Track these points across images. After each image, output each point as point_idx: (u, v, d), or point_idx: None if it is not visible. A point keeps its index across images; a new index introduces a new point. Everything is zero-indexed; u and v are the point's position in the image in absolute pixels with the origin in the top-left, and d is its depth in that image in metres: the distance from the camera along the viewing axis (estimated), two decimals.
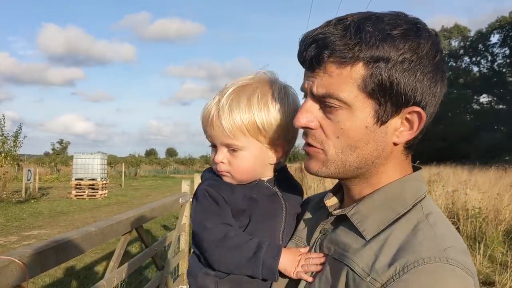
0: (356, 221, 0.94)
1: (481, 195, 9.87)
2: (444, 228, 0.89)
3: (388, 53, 0.85)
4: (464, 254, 0.84)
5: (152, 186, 32.20)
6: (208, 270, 1.11)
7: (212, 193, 1.14)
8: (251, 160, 1.15)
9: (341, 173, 0.97)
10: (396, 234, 0.88)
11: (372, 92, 0.87)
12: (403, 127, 0.92)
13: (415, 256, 0.81)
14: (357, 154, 0.93)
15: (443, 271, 0.78)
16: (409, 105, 0.89)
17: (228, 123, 1.11)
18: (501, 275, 6.07)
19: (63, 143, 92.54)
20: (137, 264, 3.51)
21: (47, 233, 11.08)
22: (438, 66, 0.91)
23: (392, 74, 0.86)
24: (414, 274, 0.78)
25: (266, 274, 1.04)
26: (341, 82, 0.88)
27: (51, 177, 35.71)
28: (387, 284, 0.81)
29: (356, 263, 0.88)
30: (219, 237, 1.08)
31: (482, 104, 64.35)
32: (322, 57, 0.88)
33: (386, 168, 0.97)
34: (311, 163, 0.98)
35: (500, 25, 59.49)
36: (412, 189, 0.96)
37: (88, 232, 2.29)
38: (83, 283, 6.91)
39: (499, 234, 8.32)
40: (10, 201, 18.17)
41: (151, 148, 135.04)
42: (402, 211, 0.93)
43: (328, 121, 0.93)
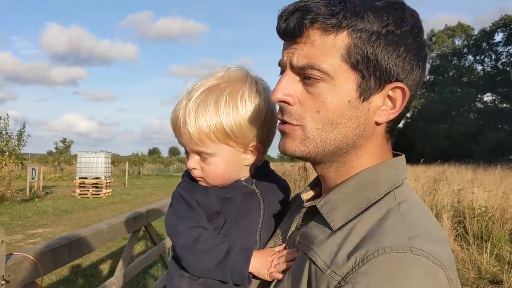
0: (325, 212, 0.88)
1: (487, 194, 9.83)
2: (417, 216, 0.82)
3: (372, 24, 0.81)
4: (437, 243, 0.76)
5: (155, 185, 32.23)
6: (183, 273, 1.09)
7: (185, 196, 1.10)
8: (223, 165, 1.10)
9: (320, 153, 0.89)
10: (362, 224, 0.82)
11: (356, 64, 0.82)
12: (386, 105, 0.87)
13: (377, 246, 0.74)
14: (338, 131, 0.86)
15: (406, 261, 0.71)
16: (392, 80, 0.84)
17: (194, 130, 1.06)
18: (508, 273, 6.04)
19: (66, 142, 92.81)
20: (145, 262, 3.50)
21: (52, 232, 11.08)
22: (421, 46, 0.87)
23: (376, 46, 0.82)
24: (373, 265, 0.72)
25: (236, 279, 1.01)
26: (324, 52, 0.82)
27: (54, 176, 35.81)
28: (346, 277, 0.74)
29: (318, 255, 0.82)
30: (189, 241, 1.05)
31: (486, 103, 64.22)
32: (305, 23, 0.82)
33: (365, 151, 0.90)
34: (287, 142, 0.91)
35: (504, 23, 59.29)
36: (387, 176, 0.89)
37: (99, 229, 2.28)
38: (90, 281, 6.91)
39: (505, 233, 8.28)
40: (15, 200, 18.21)
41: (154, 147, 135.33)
42: (374, 199, 0.86)
43: (308, 94, 0.86)
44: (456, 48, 66.86)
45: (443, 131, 56.21)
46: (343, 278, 0.75)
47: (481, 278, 6.46)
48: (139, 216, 3.02)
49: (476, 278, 6.50)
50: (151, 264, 7.34)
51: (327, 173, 0.94)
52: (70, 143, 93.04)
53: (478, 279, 6.44)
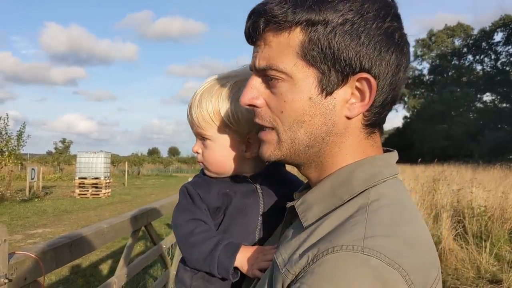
0: (300, 212, 0.86)
1: (487, 193, 9.84)
2: (389, 216, 0.76)
3: (326, 15, 0.78)
4: (404, 246, 0.71)
5: (155, 185, 32.23)
6: (186, 266, 1.14)
7: (190, 190, 1.15)
8: (220, 151, 1.14)
9: (293, 155, 0.87)
10: (328, 222, 0.79)
11: (313, 60, 0.80)
12: (354, 98, 0.83)
13: (329, 244, 0.71)
14: (305, 130, 0.84)
15: (352, 261, 0.67)
16: (355, 72, 0.80)
17: (195, 112, 1.14)
18: (508, 273, 6.05)
19: (65, 142, 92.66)
20: (146, 261, 3.52)
21: (51, 232, 11.09)
22: (390, 31, 0.81)
23: (332, 37, 0.78)
24: (321, 265, 0.69)
25: (222, 273, 1.04)
26: (280, 51, 0.82)
27: (54, 176, 35.80)
28: (298, 276, 0.72)
29: (280, 253, 0.81)
30: (185, 233, 1.10)
31: (486, 103, 64.26)
32: (259, 26, 0.82)
33: (341, 149, 0.86)
34: (263, 148, 0.91)
35: (504, 23, 59.34)
36: (364, 174, 0.84)
37: (100, 228, 2.29)
38: (89, 281, 6.92)
39: (505, 232, 8.30)
40: (14, 200, 18.21)
41: (154, 147, 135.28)
42: (347, 198, 0.82)
43: (273, 95, 0.86)
44: (456, 48, 66.89)
45: (442, 131, 56.25)
46: (295, 276, 0.73)
47: (481, 278, 6.47)
48: (139, 215, 3.03)
49: (475, 277, 6.51)
50: (151, 264, 7.36)
51: (309, 174, 0.92)
52: (69, 143, 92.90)
53: (477, 279, 6.45)
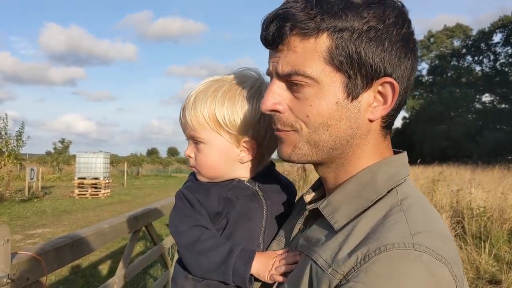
0: (327, 214, 0.88)
1: (486, 194, 9.86)
2: (420, 213, 0.81)
3: (352, 22, 0.80)
4: (441, 240, 0.76)
5: (154, 185, 32.21)
6: (187, 274, 1.10)
7: (187, 195, 1.11)
8: (214, 155, 1.12)
9: (315, 155, 0.90)
10: (364, 223, 0.82)
11: (340, 65, 0.82)
12: (377, 101, 0.86)
13: (378, 243, 0.74)
14: (330, 133, 0.86)
15: (406, 258, 0.70)
16: (380, 76, 0.84)
17: (190, 115, 1.11)
18: (507, 273, 6.07)
19: (64, 142, 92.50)
20: (146, 262, 3.52)
21: (51, 232, 11.08)
22: (407, 37, 0.85)
23: (358, 44, 0.81)
24: (375, 263, 0.71)
25: (237, 281, 1.01)
26: (306, 57, 0.83)
27: (53, 176, 35.73)
28: (348, 275, 0.74)
29: (319, 255, 0.82)
30: (190, 241, 1.06)
31: (485, 104, 64.27)
32: (284, 31, 0.83)
33: (363, 151, 0.90)
34: (283, 148, 0.93)
35: (503, 24, 59.41)
36: (386, 175, 0.88)
37: (101, 229, 2.30)
38: (89, 281, 6.92)
39: (504, 233, 8.31)
40: (14, 200, 18.19)
41: (153, 148, 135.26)
42: (375, 198, 0.85)
43: (296, 100, 0.87)
44: (455, 48, 66.92)
45: (442, 132, 56.25)
46: (344, 276, 0.74)
47: (480, 278, 6.48)
48: (140, 216, 3.04)
49: (475, 278, 6.52)
50: (151, 264, 7.36)
51: (327, 174, 0.95)
52: (68, 143, 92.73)
53: (477, 279, 6.46)
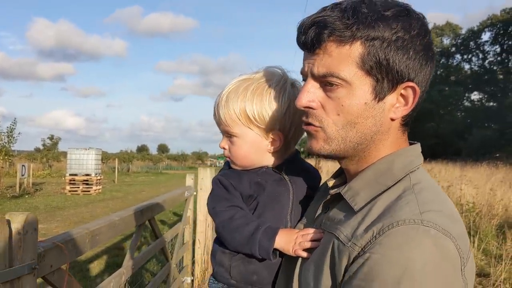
0: (348, 197, 0.99)
1: (475, 190, 10.07)
2: (431, 195, 0.92)
3: (383, 32, 0.91)
4: (449, 218, 0.86)
5: (145, 182, 32.21)
6: (224, 249, 1.24)
7: (223, 181, 1.25)
8: (245, 146, 1.25)
9: (342, 150, 1.01)
10: (380, 203, 0.93)
11: (370, 70, 0.93)
12: (399, 103, 0.98)
13: (392, 219, 0.85)
14: (357, 130, 0.98)
15: (416, 231, 0.81)
16: (404, 81, 0.95)
17: (223, 112, 1.24)
18: (495, 267, 6.24)
19: (53, 138, 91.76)
20: (150, 254, 3.63)
21: (44, 228, 11.09)
22: (428, 46, 0.97)
23: (388, 52, 0.92)
24: (388, 236, 0.83)
25: (262, 254, 1.14)
26: (341, 61, 0.93)
27: (43, 173, 35.59)
28: (365, 247, 0.85)
29: (341, 231, 0.93)
30: (226, 219, 1.19)
31: (473, 102, 64.87)
32: (323, 37, 0.93)
33: (384, 145, 1.02)
34: (312, 143, 1.03)
35: (491, 23, 59.98)
36: (401, 163, 0.99)
37: (112, 221, 2.40)
38: (86, 276, 7.00)
39: (492, 228, 8.52)
40: (5, 196, 18.16)
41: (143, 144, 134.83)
42: (390, 184, 0.97)
43: (329, 99, 0.98)
44: (444, 47, 67.43)
45: (431, 129, 56.67)
46: (362, 248, 0.85)
47: None
48: (144, 209, 3.14)
49: None
50: (146, 260, 7.45)
51: (350, 165, 1.06)
52: (57, 139, 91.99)
53: None
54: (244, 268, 1.21)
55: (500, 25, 58.94)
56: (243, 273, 1.21)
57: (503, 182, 13.19)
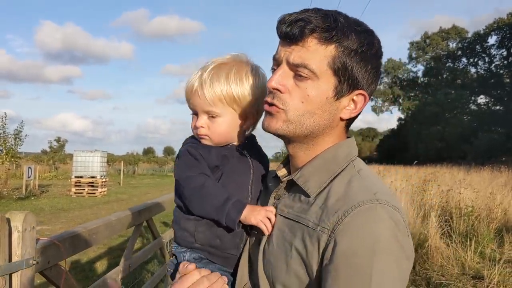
0: (301, 183, 1.13)
1: (475, 194, 10.11)
2: (372, 179, 1.10)
3: (353, 43, 1.06)
4: (391, 196, 1.04)
5: (150, 184, 32.35)
6: (189, 216, 1.33)
7: (192, 151, 1.35)
8: (226, 125, 1.37)
9: (297, 134, 1.13)
10: (335, 189, 1.07)
11: (337, 70, 1.07)
12: (350, 106, 1.13)
13: (352, 202, 1.00)
14: (314, 120, 1.11)
15: (376, 208, 0.97)
16: (358, 88, 1.10)
17: (209, 93, 1.33)
18: (489, 269, 6.31)
19: (60, 141, 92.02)
20: (147, 253, 3.76)
21: (49, 229, 11.24)
22: (379, 67, 1.13)
23: (353, 60, 1.07)
24: (353, 217, 0.97)
25: (228, 223, 1.25)
26: (316, 57, 1.06)
27: (49, 175, 35.81)
28: (334, 229, 0.98)
29: (308, 219, 1.06)
30: (198, 184, 1.28)
31: (480, 105, 64.66)
32: (306, 32, 1.05)
33: (329, 139, 1.17)
34: (271, 121, 1.14)
35: (498, 26, 59.81)
36: (344, 152, 1.16)
37: (109, 221, 2.53)
38: (88, 276, 7.14)
39: (490, 231, 8.57)
40: (11, 198, 18.36)
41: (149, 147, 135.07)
42: (337, 170, 1.12)
43: (297, 87, 1.09)
44: (450, 50, 67.33)
45: (436, 133, 56.56)
46: (331, 231, 0.98)
47: (465, 274, 6.73)
48: (142, 210, 3.27)
49: (459, 274, 6.77)
50: (148, 260, 7.59)
51: (298, 152, 1.19)
52: (64, 142, 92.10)
53: (461, 275, 6.71)
54: (209, 232, 1.31)
55: (506, 29, 58.78)
56: (208, 237, 1.31)
57: (504, 186, 13.25)
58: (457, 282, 6.32)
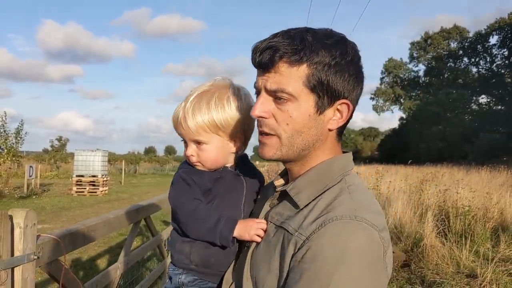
0: (293, 194, 1.17)
1: (472, 194, 10.18)
2: (361, 195, 1.13)
3: (324, 57, 1.09)
4: (374, 214, 1.07)
5: (151, 183, 32.42)
6: (184, 238, 1.39)
7: (184, 177, 1.40)
8: (214, 151, 1.41)
9: (290, 155, 1.18)
10: (322, 201, 1.12)
11: (314, 88, 1.10)
12: (335, 116, 1.17)
13: (332, 214, 1.04)
14: (303, 138, 1.15)
15: (350, 225, 1.01)
16: (340, 98, 1.14)
17: (192, 123, 1.38)
18: (482, 268, 6.39)
19: (62, 140, 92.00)
20: (145, 250, 3.86)
21: (50, 228, 11.29)
22: (359, 70, 1.17)
23: (328, 74, 1.10)
24: (329, 227, 1.01)
25: (223, 242, 1.30)
26: (290, 79, 1.09)
27: (51, 174, 35.92)
28: (310, 237, 1.02)
29: (290, 225, 1.11)
30: (190, 209, 1.34)
31: (481, 105, 64.60)
32: (275, 59, 1.09)
33: (323, 151, 1.21)
34: (266, 150, 1.19)
35: (499, 26, 59.77)
36: (338, 167, 1.20)
37: (107, 218, 2.63)
38: (89, 274, 7.22)
39: (486, 231, 8.64)
40: (13, 197, 18.47)
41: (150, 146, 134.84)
42: (329, 184, 1.16)
43: (279, 111, 1.13)
44: (452, 50, 67.28)
45: (438, 133, 56.52)
46: (307, 237, 1.03)
47: (459, 273, 6.82)
48: (140, 208, 3.37)
49: (454, 272, 6.85)
50: (147, 258, 7.70)
51: (294, 167, 1.24)
52: (66, 141, 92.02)
53: (456, 273, 6.79)
54: (203, 252, 1.37)
55: (508, 28, 58.75)
56: (202, 257, 1.37)
57: (501, 186, 13.33)
58: (451, 280, 6.41)
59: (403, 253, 7.65)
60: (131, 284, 5.55)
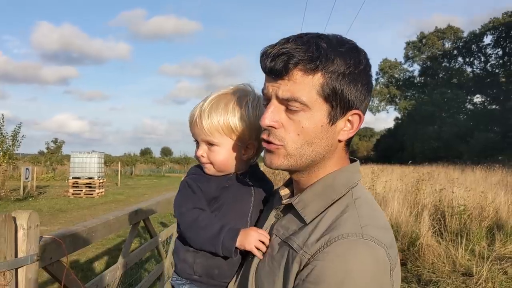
0: (299, 208, 1.13)
1: (467, 193, 10.26)
2: (368, 209, 1.09)
3: (339, 66, 1.04)
4: (381, 230, 1.03)
5: (148, 185, 32.43)
6: (188, 248, 1.35)
7: (190, 183, 1.37)
8: (225, 154, 1.38)
9: (298, 165, 1.13)
10: (328, 216, 1.07)
11: (328, 97, 1.05)
12: (346, 127, 1.12)
13: (337, 232, 1.00)
14: (313, 149, 1.10)
15: (357, 243, 0.97)
16: (352, 108, 1.09)
17: (207, 123, 1.36)
18: (477, 266, 6.45)
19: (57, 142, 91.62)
20: (144, 252, 3.89)
21: (48, 230, 11.32)
22: (370, 79, 1.12)
23: (342, 83, 1.05)
24: (334, 247, 0.98)
25: (225, 252, 1.26)
26: (304, 88, 1.04)
27: (47, 176, 35.81)
28: (315, 255, 0.99)
29: (294, 241, 1.07)
30: (191, 220, 1.32)
31: (476, 105, 64.91)
32: (289, 66, 1.04)
33: (331, 162, 1.16)
34: (273, 159, 1.14)
35: (493, 26, 60.09)
36: (344, 179, 1.15)
37: (107, 220, 2.66)
38: (87, 275, 7.24)
39: (482, 229, 8.71)
40: (9, 199, 18.45)
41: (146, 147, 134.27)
42: (335, 197, 1.11)
43: (290, 121, 1.08)
44: (446, 50, 67.55)
45: (433, 132, 56.66)
46: (312, 256, 1.00)
47: (455, 271, 6.88)
48: (139, 210, 3.39)
49: (450, 271, 6.91)
50: (145, 260, 7.72)
51: (301, 178, 1.19)
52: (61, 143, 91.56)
53: (452, 272, 6.86)
54: (206, 263, 1.33)
55: (502, 28, 59.08)
56: (206, 268, 1.34)
57: (496, 185, 13.43)
58: (447, 279, 6.47)
59: (399, 252, 7.70)
60: (130, 286, 5.58)
